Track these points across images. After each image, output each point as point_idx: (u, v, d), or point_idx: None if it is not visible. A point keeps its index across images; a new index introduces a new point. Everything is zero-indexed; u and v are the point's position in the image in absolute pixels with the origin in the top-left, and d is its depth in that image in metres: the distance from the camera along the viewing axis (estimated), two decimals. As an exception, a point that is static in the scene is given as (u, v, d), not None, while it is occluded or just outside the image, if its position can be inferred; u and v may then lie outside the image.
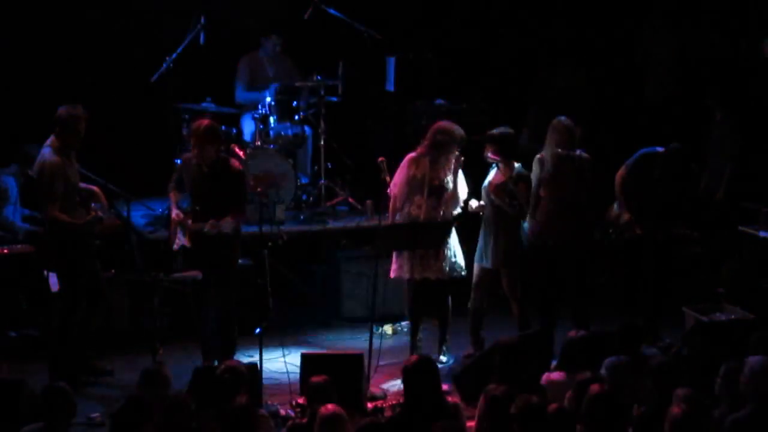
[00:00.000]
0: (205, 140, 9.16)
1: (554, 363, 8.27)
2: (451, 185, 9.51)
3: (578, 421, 6.64)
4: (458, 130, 9.59)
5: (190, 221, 9.24)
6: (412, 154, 9.62)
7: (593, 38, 12.84)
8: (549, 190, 9.66)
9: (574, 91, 12.37)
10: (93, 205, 9.23)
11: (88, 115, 9.18)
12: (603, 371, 7.35)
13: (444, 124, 9.70)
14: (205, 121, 9.35)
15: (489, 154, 9.63)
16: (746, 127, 11.48)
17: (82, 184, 9.36)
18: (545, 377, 7.69)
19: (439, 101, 11.73)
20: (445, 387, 7.70)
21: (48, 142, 9.15)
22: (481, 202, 9.63)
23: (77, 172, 9.24)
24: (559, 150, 9.63)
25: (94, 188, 9.48)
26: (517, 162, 9.62)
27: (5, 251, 10.20)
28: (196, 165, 9.29)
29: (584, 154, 9.68)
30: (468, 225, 9.82)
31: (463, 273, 9.65)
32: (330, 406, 6.68)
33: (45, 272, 9.60)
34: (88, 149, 9.41)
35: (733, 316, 9.98)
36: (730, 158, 11.31)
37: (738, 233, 10.74)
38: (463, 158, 9.54)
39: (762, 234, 10.45)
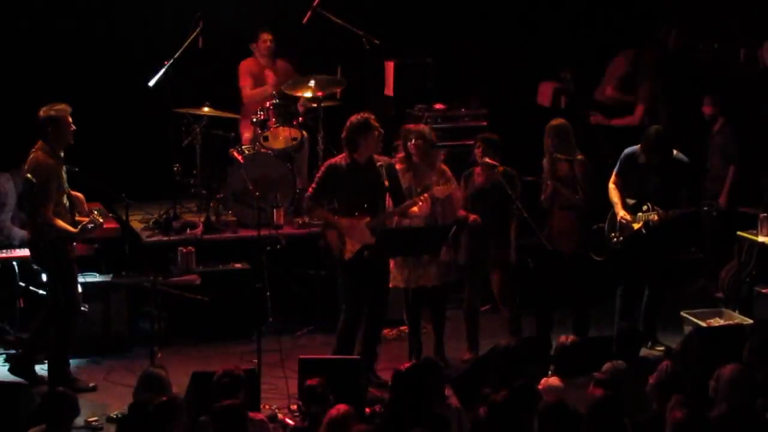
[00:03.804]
0: (361, 134, 9.04)
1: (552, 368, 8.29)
2: (438, 189, 9.49)
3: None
4: (424, 129, 9.65)
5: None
6: (399, 166, 9.61)
7: (591, 42, 12.86)
8: (547, 194, 9.71)
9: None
10: (95, 211, 9.17)
11: (71, 109, 9.05)
12: (601, 376, 7.35)
13: (404, 127, 9.76)
14: (359, 115, 9.15)
15: (485, 158, 9.65)
16: (745, 133, 11.50)
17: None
18: (542, 382, 7.69)
19: (438, 106, 11.73)
20: (447, 392, 7.67)
21: (36, 147, 9.03)
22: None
23: (65, 176, 9.15)
24: (557, 154, 9.66)
25: (79, 195, 9.40)
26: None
27: (4, 255, 10.19)
28: (349, 165, 9.06)
29: (583, 158, 9.73)
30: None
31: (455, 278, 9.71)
32: (341, 407, 6.69)
33: (43, 276, 9.58)
34: (87, 152, 9.39)
35: (731, 321, 10.00)
36: (731, 163, 11.33)
37: (736, 238, 10.75)
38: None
39: (760, 239, 10.47)
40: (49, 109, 9.04)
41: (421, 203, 9.14)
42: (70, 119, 9.04)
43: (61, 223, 8.98)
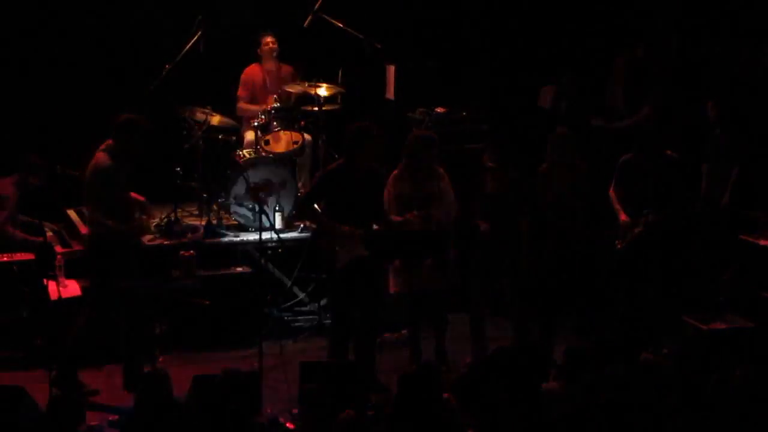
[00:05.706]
0: (359, 143, 9.06)
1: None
2: (438, 193, 9.48)
3: None
4: (426, 136, 9.65)
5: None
6: (395, 172, 9.63)
7: (592, 45, 12.87)
8: (549, 199, 9.74)
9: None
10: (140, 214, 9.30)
11: (151, 128, 9.17)
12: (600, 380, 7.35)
13: (414, 134, 9.74)
14: (361, 122, 9.19)
15: (490, 162, 9.67)
16: (746, 136, 11.50)
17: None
18: (544, 386, 7.68)
19: (439, 110, 11.74)
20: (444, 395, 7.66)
21: (103, 146, 9.13)
22: None
23: (127, 179, 9.22)
24: (557, 159, 9.68)
25: (142, 198, 9.48)
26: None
27: (5, 258, 10.19)
28: (347, 172, 9.10)
29: (582, 164, 9.74)
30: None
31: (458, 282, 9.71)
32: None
33: (45, 280, 9.58)
34: (88, 155, 9.40)
35: (733, 325, 9.99)
36: (735, 165, 11.32)
37: (739, 241, 10.75)
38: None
39: (762, 242, 10.46)
40: (129, 116, 9.15)
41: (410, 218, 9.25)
42: (141, 135, 9.14)
43: (113, 223, 9.05)
